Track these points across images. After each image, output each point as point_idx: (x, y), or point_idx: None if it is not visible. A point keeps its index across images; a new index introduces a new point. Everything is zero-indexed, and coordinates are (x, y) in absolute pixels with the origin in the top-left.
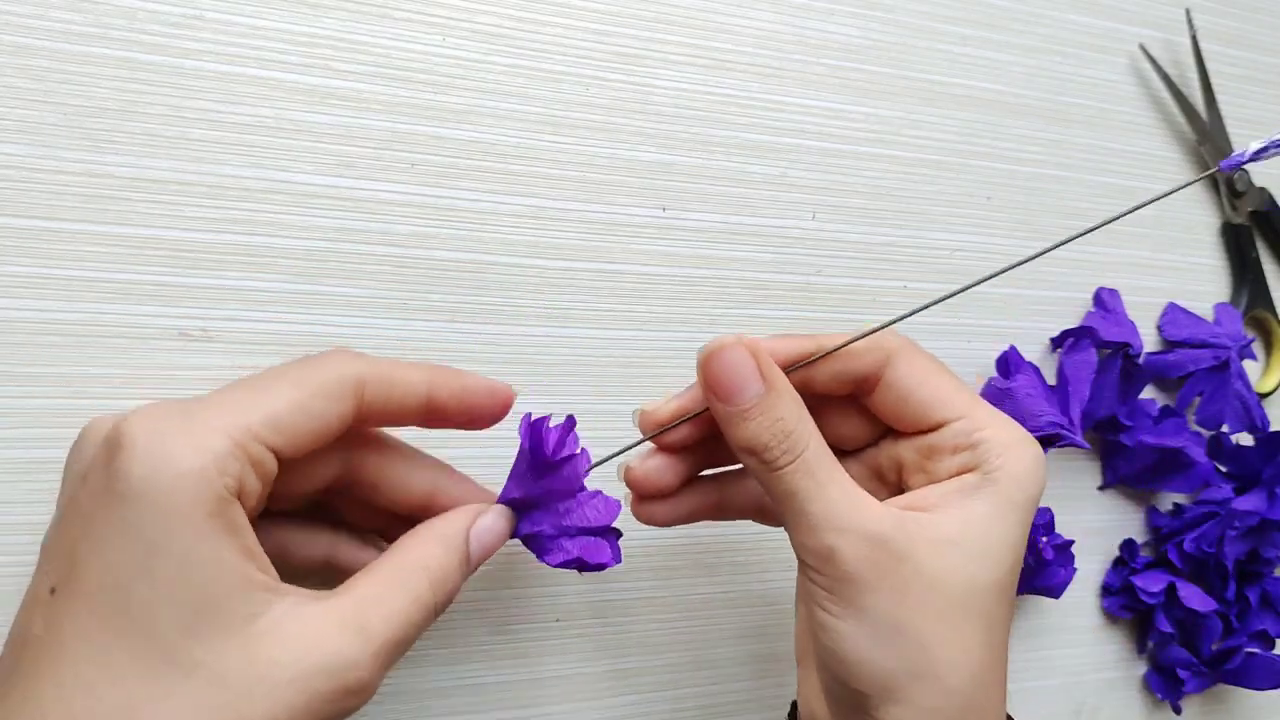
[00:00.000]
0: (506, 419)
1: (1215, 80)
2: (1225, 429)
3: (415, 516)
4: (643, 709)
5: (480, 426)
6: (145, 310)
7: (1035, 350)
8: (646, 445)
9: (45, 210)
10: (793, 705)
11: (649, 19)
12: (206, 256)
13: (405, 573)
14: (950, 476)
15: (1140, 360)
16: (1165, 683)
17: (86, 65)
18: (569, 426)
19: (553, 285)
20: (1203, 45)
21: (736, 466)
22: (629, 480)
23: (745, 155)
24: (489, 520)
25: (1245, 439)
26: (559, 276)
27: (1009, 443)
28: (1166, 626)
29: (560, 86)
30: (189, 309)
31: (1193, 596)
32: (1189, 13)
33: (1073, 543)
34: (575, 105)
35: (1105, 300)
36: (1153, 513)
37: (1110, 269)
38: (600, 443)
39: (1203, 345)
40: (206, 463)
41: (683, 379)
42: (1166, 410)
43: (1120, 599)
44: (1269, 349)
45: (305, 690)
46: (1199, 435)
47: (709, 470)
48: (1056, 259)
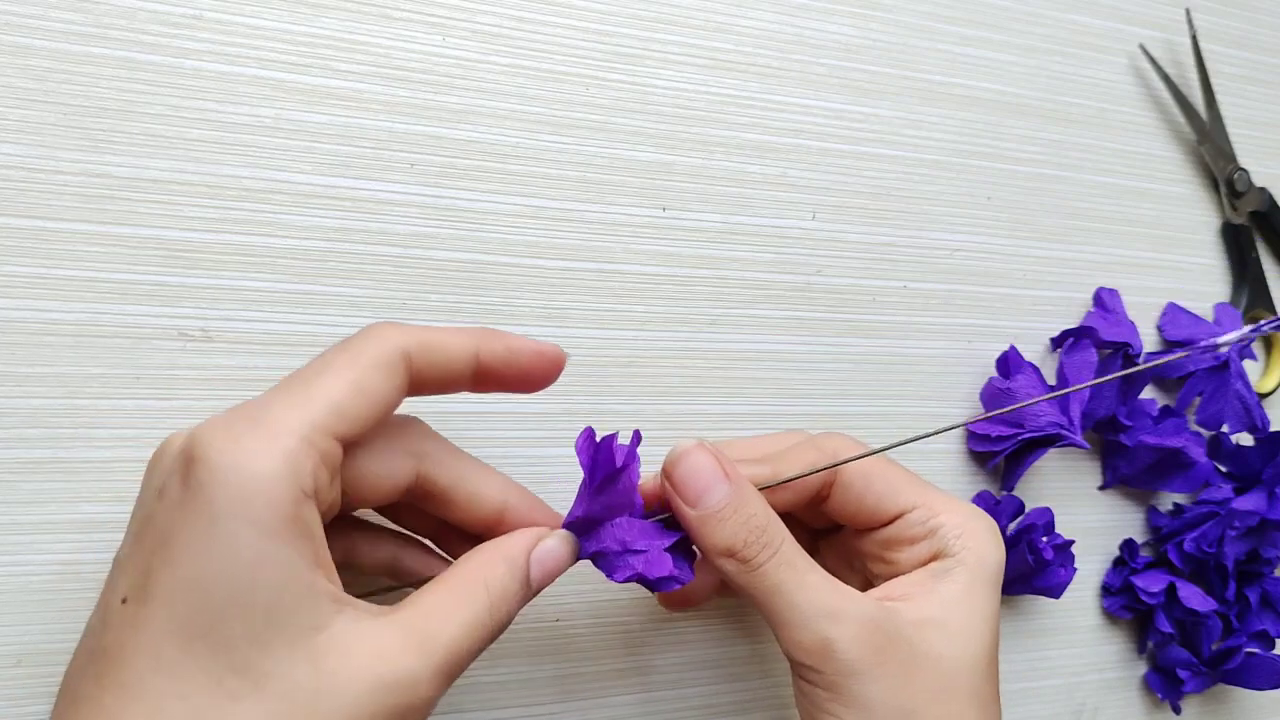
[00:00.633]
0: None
1: (1215, 80)
2: (1225, 429)
3: (480, 535)
4: (644, 709)
5: (532, 389)
6: (144, 310)
7: (1035, 350)
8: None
9: (44, 210)
10: None
11: (649, 19)
12: (206, 256)
13: (467, 591)
14: (914, 564)
15: (1140, 360)
16: (1165, 683)
17: (86, 65)
18: (635, 441)
19: (552, 285)
20: (1203, 45)
21: None
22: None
23: (745, 155)
24: (551, 543)
25: (1245, 439)
26: (558, 276)
27: (964, 523)
28: (1166, 626)
29: (560, 86)
30: (188, 309)
31: (1193, 596)
32: (1189, 13)
33: (1073, 543)
34: (575, 105)
35: (1105, 300)
36: (1153, 513)
37: (1110, 269)
38: None
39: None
40: (280, 465)
41: (683, 379)
42: (1166, 410)
43: (1120, 599)
44: (1269, 349)
45: (369, 705)
46: (1199, 435)
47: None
48: (1057, 259)
